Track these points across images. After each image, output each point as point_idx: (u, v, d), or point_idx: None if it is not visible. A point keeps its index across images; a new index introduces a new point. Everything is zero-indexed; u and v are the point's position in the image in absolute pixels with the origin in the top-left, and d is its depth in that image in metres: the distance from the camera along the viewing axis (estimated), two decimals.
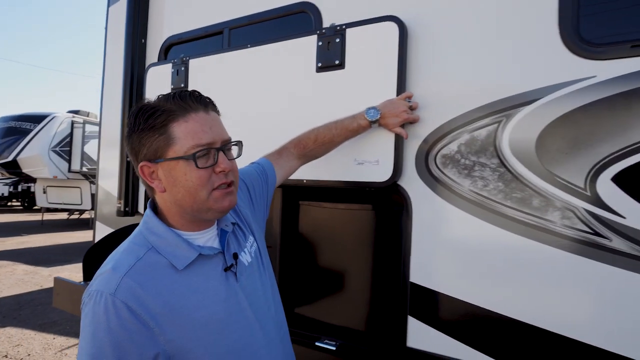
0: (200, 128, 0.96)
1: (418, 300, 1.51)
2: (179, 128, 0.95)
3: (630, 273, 1.20)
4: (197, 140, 0.95)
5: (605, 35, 1.27)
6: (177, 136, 0.95)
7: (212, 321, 0.95)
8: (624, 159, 1.20)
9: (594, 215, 1.24)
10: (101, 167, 2.78)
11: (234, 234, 1.13)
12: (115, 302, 0.86)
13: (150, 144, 0.96)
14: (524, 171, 1.34)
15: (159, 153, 0.96)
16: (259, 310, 1.08)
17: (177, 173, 0.96)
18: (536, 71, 1.34)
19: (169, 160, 0.96)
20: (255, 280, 1.11)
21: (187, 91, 0.99)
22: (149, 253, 0.95)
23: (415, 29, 1.56)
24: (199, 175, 0.95)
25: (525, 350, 1.33)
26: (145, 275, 0.92)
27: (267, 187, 1.36)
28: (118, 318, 0.85)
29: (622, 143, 1.21)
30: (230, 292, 1.01)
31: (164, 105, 0.96)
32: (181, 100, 0.97)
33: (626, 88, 1.20)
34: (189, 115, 0.96)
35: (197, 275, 0.98)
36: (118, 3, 2.58)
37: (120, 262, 0.93)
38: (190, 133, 0.95)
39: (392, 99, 1.52)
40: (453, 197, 1.46)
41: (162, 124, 0.95)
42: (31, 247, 9.27)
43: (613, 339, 1.21)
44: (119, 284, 0.88)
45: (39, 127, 11.35)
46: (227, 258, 1.05)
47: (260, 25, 2.01)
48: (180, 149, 0.95)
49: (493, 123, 1.40)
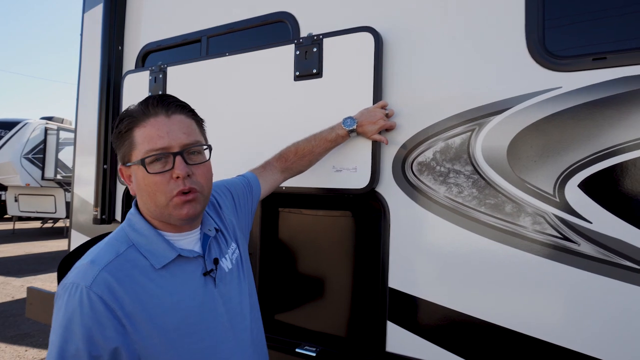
0: (156, 133, 0.96)
1: (397, 306, 1.54)
2: (138, 133, 0.97)
3: (597, 276, 1.25)
4: (151, 145, 0.95)
5: (569, 48, 1.33)
6: (137, 141, 0.96)
7: (184, 325, 0.94)
8: (589, 167, 1.26)
9: (562, 221, 1.29)
10: (77, 175, 2.73)
11: (216, 239, 1.13)
12: (90, 295, 0.85)
13: (120, 148, 1.00)
14: (497, 178, 1.39)
15: (126, 158, 0.99)
16: (234, 319, 1.07)
17: (138, 177, 0.97)
18: (505, 82, 1.39)
19: (132, 165, 0.98)
20: (233, 288, 1.11)
21: (154, 96, 1.00)
22: (129, 250, 0.95)
23: (390, 40, 1.60)
24: (154, 181, 0.95)
25: (500, 352, 1.37)
26: (123, 271, 0.91)
27: (251, 198, 1.37)
28: (92, 311, 0.84)
29: (587, 151, 1.26)
30: (207, 297, 1.01)
31: (131, 111, 0.99)
32: (143, 105, 0.98)
33: (590, 99, 1.26)
34: (147, 120, 0.97)
35: (174, 277, 0.97)
36: (94, 9, 2.55)
37: (100, 256, 0.93)
38: (147, 138, 0.96)
39: (368, 108, 1.55)
40: (429, 204, 1.50)
41: (126, 129, 0.98)
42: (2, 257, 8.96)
43: (584, 341, 1.26)
44: (95, 277, 0.87)
45: (10, 133, 11.02)
46: (207, 262, 1.04)
47: (238, 34, 2.02)
48: (138, 154, 0.96)
49: (466, 131, 1.44)
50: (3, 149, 10.90)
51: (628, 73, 1.23)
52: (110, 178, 2.35)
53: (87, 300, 0.85)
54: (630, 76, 1.23)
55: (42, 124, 11.42)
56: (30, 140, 11.11)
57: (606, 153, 1.24)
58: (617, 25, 1.30)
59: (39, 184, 11.14)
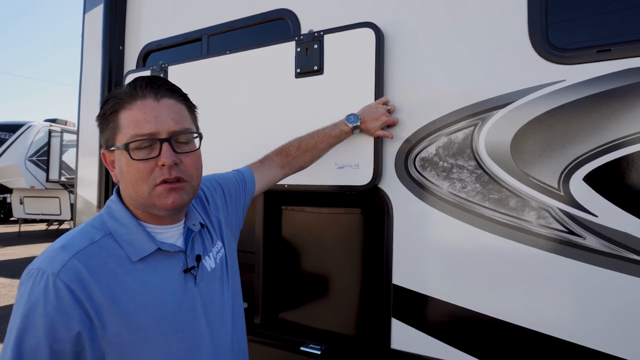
0: (143, 117, 0.90)
1: (401, 303, 1.53)
2: (124, 116, 0.91)
3: (603, 270, 1.24)
4: (137, 129, 0.89)
5: (572, 41, 1.32)
6: (122, 124, 0.91)
7: (160, 324, 0.89)
8: (594, 160, 1.25)
9: (567, 215, 1.28)
10: (80, 176, 2.74)
11: (201, 235, 1.07)
12: (56, 282, 0.79)
13: (104, 131, 0.94)
14: (500, 172, 1.38)
15: (110, 141, 0.94)
16: (214, 321, 1.01)
17: (121, 163, 0.92)
18: (508, 75, 1.38)
19: (116, 150, 0.92)
20: (215, 289, 1.05)
21: (143, 77, 0.94)
22: (105, 238, 0.89)
23: (392, 35, 1.58)
24: (137, 168, 0.90)
25: (507, 348, 1.36)
26: (96, 260, 0.85)
27: (244, 195, 1.32)
28: (58, 301, 0.78)
29: (592, 144, 1.25)
30: (186, 295, 0.95)
31: (117, 92, 0.93)
32: (133, 87, 0.92)
33: (594, 91, 1.25)
34: (134, 102, 0.91)
35: (152, 271, 0.91)
36: (94, 10, 2.55)
37: (72, 242, 0.87)
38: (133, 121, 0.90)
39: (370, 104, 1.54)
40: (432, 199, 1.49)
41: (111, 111, 0.92)
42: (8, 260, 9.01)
43: (590, 335, 1.25)
44: (64, 264, 0.81)
45: (14, 136, 11.07)
46: (189, 259, 0.99)
47: (238, 32, 2.02)
48: (122, 138, 0.90)
49: (469, 126, 1.43)
50: (7, 151, 10.96)
51: (633, 65, 1.21)
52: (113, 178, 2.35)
53: (52, 288, 0.79)
54: (635, 68, 1.21)
55: (46, 126, 11.47)
56: (34, 143, 11.16)
57: (611, 146, 1.22)
58: (622, 17, 1.29)
59: (43, 186, 11.19)
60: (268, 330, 1.90)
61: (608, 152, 1.23)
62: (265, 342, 1.85)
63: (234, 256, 1.20)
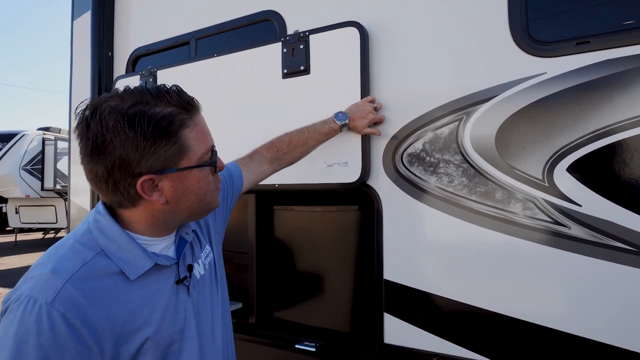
0: (205, 130, 0.90)
1: (393, 297, 1.55)
2: (190, 134, 0.86)
3: (589, 258, 1.25)
4: (207, 144, 0.90)
5: (552, 34, 1.34)
6: (190, 143, 0.86)
7: (156, 339, 0.86)
8: (576, 150, 1.27)
9: (553, 205, 1.30)
10: (73, 183, 2.74)
11: (191, 243, 1.04)
12: (51, 313, 0.73)
13: (157, 154, 0.82)
14: (486, 166, 1.40)
15: (170, 163, 0.84)
16: (205, 329, 0.99)
17: (189, 182, 0.88)
18: (490, 70, 1.40)
19: (182, 170, 0.86)
20: (205, 296, 1.03)
21: (179, 89, 0.88)
22: (97, 257, 0.83)
23: (376, 33, 1.60)
24: (209, 180, 0.92)
25: (497, 339, 1.37)
26: (91, 282, 0.79)
27: (231, 193, 1.30)
28: (52, 333, 0.72)
29: (574, 135, 1.27)
30: (179, 307, 0.93)
31: (168, 109, 0.83)
32: (183, 100, 0.86)
33: (574, 83, 1.27)
34: (196, 118, 0.88)
35: (148, 288, 0.88)
36: (82, 16, 2.56)
37: (62, 264, 0.80)
38: (201, 138, 0.88)
39: (357, 103, 1.56)
40: (420, 194, 1.50)
41: (174, 132, 0.83)
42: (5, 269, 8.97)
43: (578, 323, 1.27)
44: (58, 291, 0.75)
45: (8, 145, 11.01)
46: (181, 269, 0.96)
47: (226, 35, 2.03)
48: (194, 157, 0.87)
49: (454, 121, 1.45)
50: (1, 161, 10.90)
51: (612, 55, 1.23)
52: None
53: (46, 319, 0.73)
54: (614, 58, 1.23)
55: (40, 135, 11.41)
56: (28, 152, 11.10)
57: (593, 136, 1.24)
58: (600, 8, 1.31)
59: (39, 194, 11.14)
60: (263, 329, 1.91)
61: (590, 142, 1.25)
62: (260, 341, 1.86)
63: (221, 258, 1.19)
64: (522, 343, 1.34)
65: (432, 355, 1.46)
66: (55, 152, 11.23)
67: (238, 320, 1.94)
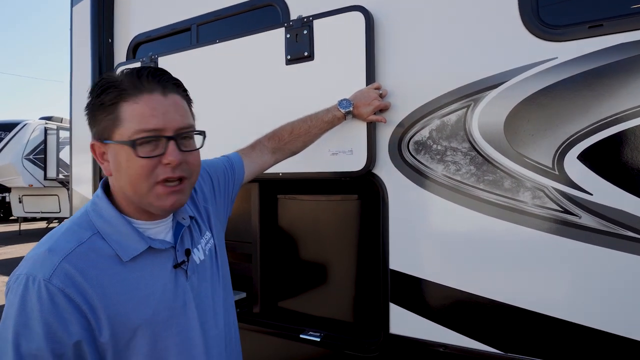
0: (149, 112, 0.85)
1: (399, 287, 1.53)
2: (127, 109, 0.85)
3: (599, 248, 1.23)
4: (143, 124, 0.84)
5: (564, 17, 1.30)
6: (124, 117, 0.85)
7: (153, 322, 0.87)
8: (588, 137, 1.24)
9: (563, 194, 1.27)
10: (75, 172, 2.72)
11: (189, 227, 1.04)
12: (50, 288, 0.77)
13: (99, 122, 0.87)
14: (494, 154, 1.37)
15: (106, 133, 0.87)
16: (206, 314, 0.99)
17: (120, 158, 0.86)
18: (500, 55, 1.36)
19: (114, 143, 0.86)
20: (205, 281, 1.03)
21: (147, 68, 0.89)
22: (93, 238, 0.86)
23: (382, 18, 1.56)
24: (140, 165, 0.85)
25: (505, 329, 1.36)
26: (86, 262, 0.82)
27: (233, 182, 1.29)
28: (54, 307, 0.76)
29: (586, 122, 1.24)
30: (177, 291, 0.93)
31: (119, 81, 0.86)
32: (137, 78, 0.86)
33: (586, 68, 1.23)
34: (141, 95, 0.85)
35: (143, 270, 0.89)
36: (82, 3, 2.51)
37: (59, 244, 0.83)
38: (138, 116, 0.84)
39: (362, 89, 1.53)
40: (427, 183, 1.48)
41: (111, 102, 0.85)
42: (9, 258, 9.02)
43: (587, 313, 1.25)
44: (55, 268, 0.78)
45: (10, 135, 11.02)
46: (179, 254, 0.97)
47: (227, 21, 1.99)
48: (125, 133, 0.85)
49: (462, 108, 1.41)
50: (4, 150, 10.91)
51: (626, 39, 1.19)
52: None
53: (46, 293, 0.76)
54: (627, 42, 1.19)
55: (42, 124, 11.40)
56: (30, 141, 11.10)
57: (605, 123, 1.21)
58: None
59: (41, 184, 11.16)
60: (267, 319, 1.91)
61: (602, 129, 1.22)
62: (264, 331, 1.86)
63: (222, 245, 1.19)
64: (530, 334, 1.32)
65: (439, 346, 1.44)
66: (58, 142, 11.23)
67: (242, 310, 1.94)
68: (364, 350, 1.62)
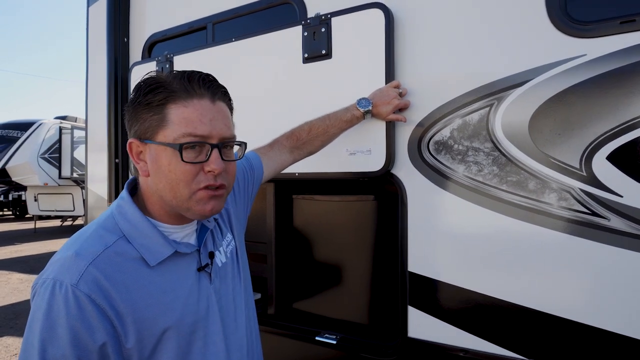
0: (198, 117, 0.85)
1: (418, 290, 1.50)
2: (176, 111, 0.84)
3: (629, 252, 1.18)
4: (191, 129, 0.84)
5: (593, 13, 1.25)
6: (171, 119, 0.84)
7: (178, 327, 0.86)
8: (618, 137, 1.19)
9: (590, 196, 1.23)
10: (90, 171, 2.73)
11: (211, 230, 1.04)
12: (77, 294, 0.76)
13: (143, 121, 0.86)
14: (518, 154, 1.33)
15: (149, 133, 0.86)
16: (227, 317, 0.99)
17: (162, 160, 0.86)
18: (526, 52, 1.32)
19: (157, 144, 0.86)
20: (227, 284, 1.03)
21: (198, 73, 0.89)
22: (119, 242, 0.85)
23: (402, 15, 1.53)
24: (183, 170, 0.84)
25: (529, 335, 1.32)
26: (113, 266, 0.81)
27: (252, 182, 1.28)
28: (80, 313, 0.75)
29: (615, 121, 1.19)
30: (202, 295, 0.93)
31: (168, 82, 0.86)
32: (188, 81, 0.86)
33: (617, 65, 1.18)
34: (191, 100, 0.85)
35: (169, 274, 0.88)
36: (98, 2, 2.52)
37: (85, 248, 0.82)
38: (186, 120, 0.84)
39: (381, 88, 1.50)
40: (447, 184, 1.44)
41: (159, 102, 0.85)
42: (25, 256, 9.17)
43: (614, 320, 1.20)
44: (82, 273, 0.77)
45: (26, 134, 11.21)
46: (203, 257, 0.96)
47: (243, 19, 1.97)
48: (171, 135, 0.84)
49: (485, 107, 1.38)
50: (20, 150, 11.11)
51: None
52: (123, 172, 2.34)
53: (73, 299, 0.75)
54: None
55: (57, 124, 11.58)
56: (45, 140, 11.29)
57: (637, 122, 1.16)
58: None
59: (56, 182, 11.34)
60: (282, 320, 1.89)
61: (633, 129, 1.17)
62: (279, 332, 1.83)
63: (243, 246, 1.18)
64: (555, 340, 1.28)
65: (459, 351, 1.41)
66: (72, 141, 11.40)
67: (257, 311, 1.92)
68: (381, 354, 1.59)
